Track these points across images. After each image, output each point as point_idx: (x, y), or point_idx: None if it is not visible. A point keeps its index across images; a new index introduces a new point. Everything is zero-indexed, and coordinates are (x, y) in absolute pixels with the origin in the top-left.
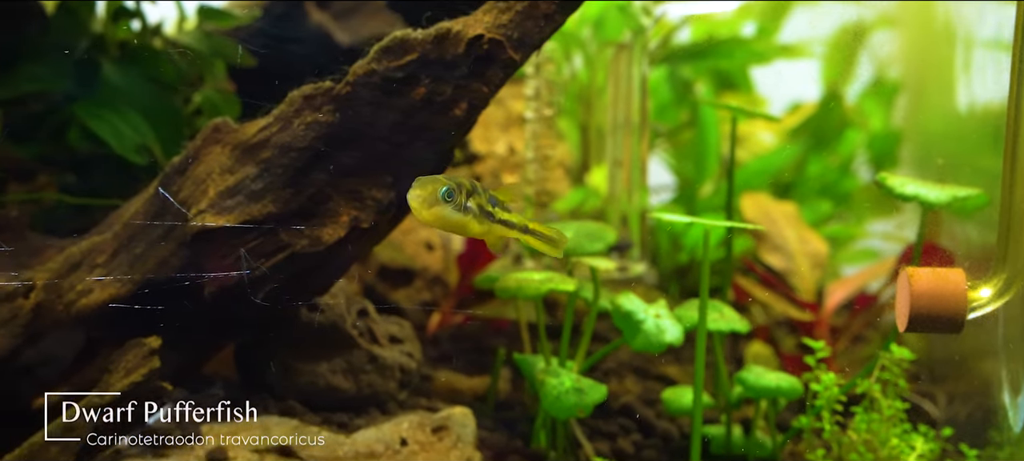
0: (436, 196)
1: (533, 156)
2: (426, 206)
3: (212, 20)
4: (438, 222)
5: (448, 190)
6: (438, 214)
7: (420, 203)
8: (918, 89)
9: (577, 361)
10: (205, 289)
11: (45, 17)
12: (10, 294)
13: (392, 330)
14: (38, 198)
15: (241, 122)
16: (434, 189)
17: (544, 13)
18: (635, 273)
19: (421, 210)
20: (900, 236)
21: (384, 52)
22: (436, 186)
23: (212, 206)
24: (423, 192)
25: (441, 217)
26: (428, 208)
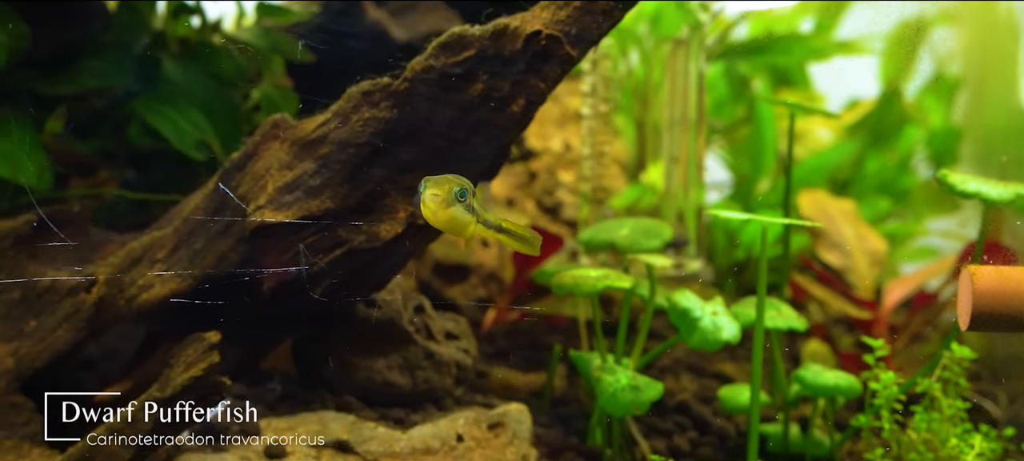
0: (452, 196)
1: (589, 152)
2: (444, 206)
3: (271, 16)
4: (450, 222)
5: (461, 190)
6: (452, 215)
7: (438, 203)
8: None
9: (633, 358)
10: (264, 284)
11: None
12: (72, 289)
13: (448, 326)
14: (99, 193)
15: (299, 118)
16: (450, 189)
17: (602, 9)
18: (691, 270)
19: (437, 210)
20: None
21: (442, 48)
22: (451, 186)
23: (271, 202)
24: (440, 192)
25: (454, 217)
26: (445, 208)
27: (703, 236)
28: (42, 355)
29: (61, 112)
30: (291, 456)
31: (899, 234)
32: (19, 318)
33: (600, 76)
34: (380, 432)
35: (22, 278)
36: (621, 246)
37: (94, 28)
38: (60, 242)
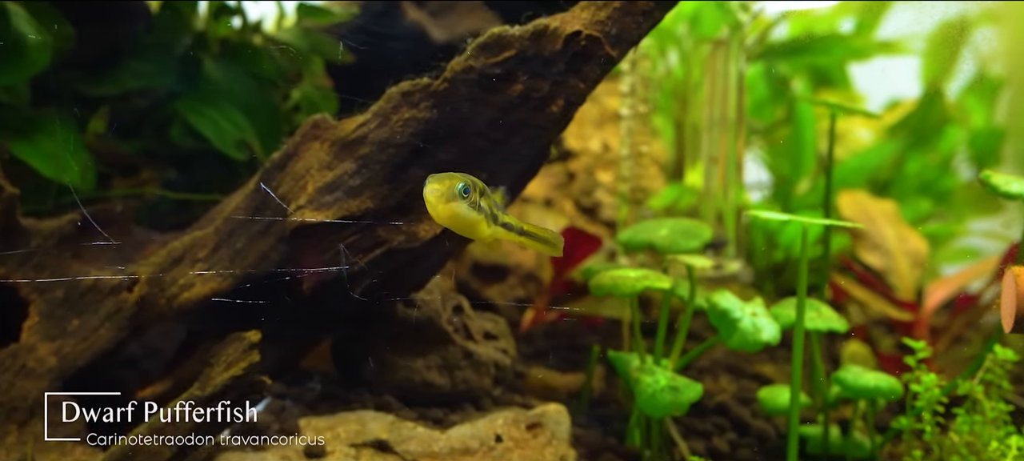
0: (453, 192)
1: (628, 153)
2: (443, 201)
3: (311, 17)
4: (452, 219)
5: (465, 186)
6: (454, 211)
7: (437, 198)
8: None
9: (672, 359)
10: (304, 284)
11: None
12: (115, 288)
13: (487, 326)
14: (141, 193)
15: (339, 118)
16: (451, 184)
17: (642, 9)
18: (730, 271)
19: (437, 205)
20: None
21: (482, 48)
22: (453, 182)
23: (311, 202)
24: (440, 187)
25: (456, 214)
26: (445, 203)
27: (742, 237)
28: (85, 354)
29: (104, 112)
30: (331, 455)
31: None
32: (62, 317)
33: (639, 76)
34: (419, 432)
35: (65, 277)
36: (660, 247)
37: (137, 29)
38: (103, 241)
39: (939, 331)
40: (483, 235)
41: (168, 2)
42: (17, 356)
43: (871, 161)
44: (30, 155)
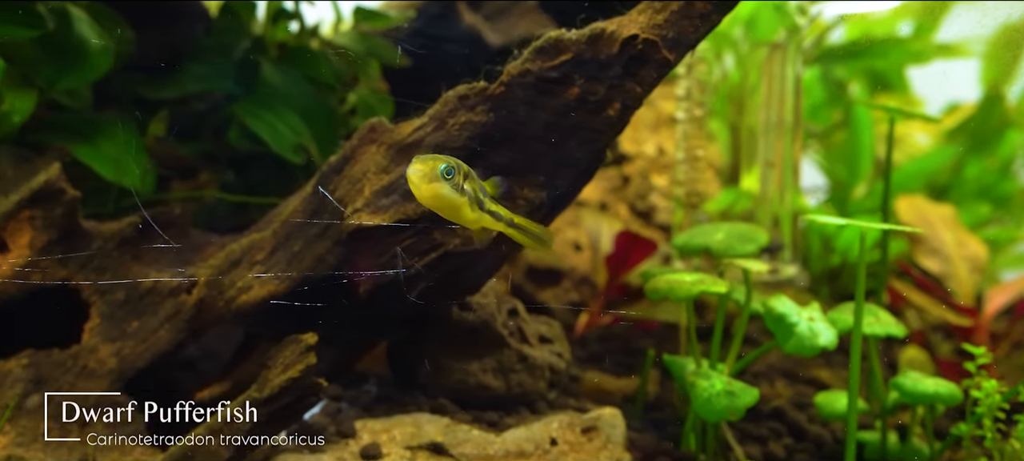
0: (436, 172)
1: (683, 157)
2: (426, 181)
3: (368, 21)
4: (435, 200)
5: (448, 168)
6: (436, 191)
7: (420, 177)
8: None
9: (728, 363)
10: (360, 286)
11: (209, 19)
12: (174, 290)
13: (541, 330)
14: (200, 196)
15: (394, 122)
16: (434, 165)
17: (700, 13)
18: (786, 275)
19: (420, 185)
20: None
21: (538, 52)
22: (436, 163)
23: (367, 205)
24: (423, 167)
25: (438, 195)
26: (427, 183)
27: (798, 241)
28: (144, 355)
29: (164, 115)
30: (386, 457)
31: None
32: (122, 319)
33: (695, 80)
34: (474, 435)
35: (126, 279)
36: (716, 251)
37: (195, 32)
38: (163, 244)
39: (999, 337)
40: (467, 218)
41: (227, 6)
42: (78, 357)
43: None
44: (91, 158)
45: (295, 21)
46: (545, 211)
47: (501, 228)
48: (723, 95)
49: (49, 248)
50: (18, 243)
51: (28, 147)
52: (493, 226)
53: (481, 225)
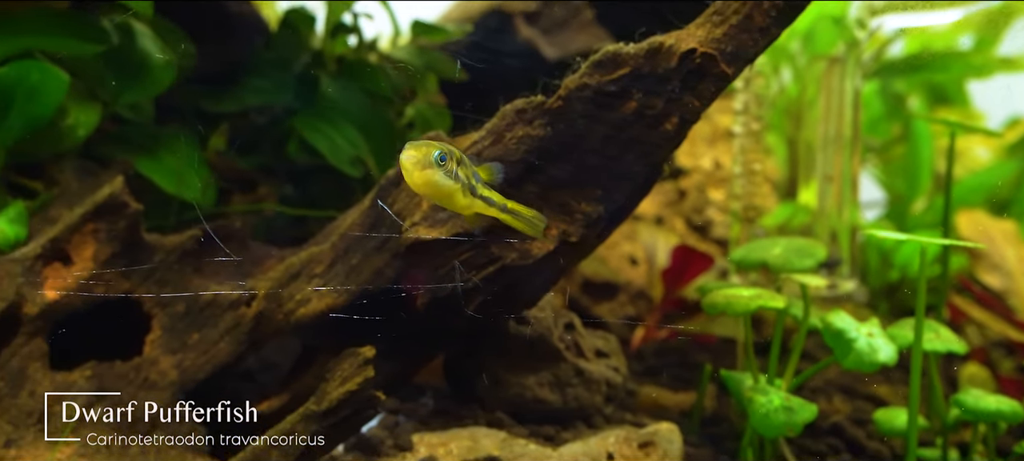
0: (429, 159)
1: (740, 171)
2: (419, 168)
3: (425, 35)
4: (428, 186)
5: (441, 154)
6: (429, 178)
7: (413, 164)
8: None
9: (786, 379)
10: (418, 300)
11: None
12: (233, 302)
13: (598, 344)
14: (259, 209)
15: (452, 135)
16: (428, 151)
17: (759, 27)
18: (844, 290)
19: (413, 172)
20: None
21: (596, 66)
22: (429, 149)
23: (425, 218)
24: (416, 154)
25: (431, 181)
26: (420, 170)
27: (857, 256)
28: (205, 367)
29: (224, 129)
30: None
31: None
32: (183, 331)
33: (752, 94)
34: (531, 449)
35: (187, 292)
36: (774, 265)
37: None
38: (223, 257)
39: None
40: (460, 205)
41: (287, 20)
42: (140, 369)
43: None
44: (154, 171)
45: (354, 35)
46: (602, 225)
47: (494, 213)
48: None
49: (112, 261)
50: (82, 256)
51: (92, 160)
52: (486, 212)
53: (473, 211)
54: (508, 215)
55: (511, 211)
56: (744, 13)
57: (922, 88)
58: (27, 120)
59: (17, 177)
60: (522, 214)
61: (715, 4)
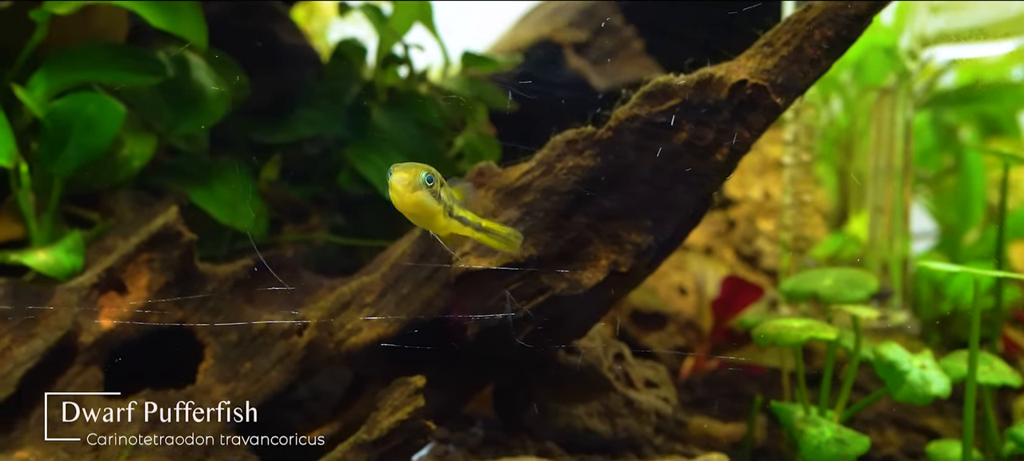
0: (419, 180)
1: (790, 201)
2: (410, 189)
3: (475, 65)
4: (417, 207)
5: (429, 175)
6: (419, 199)
7: (404, 186)
8: None
9: (837, 410)
10: (468, 329)
11: (321, 64)
12: (285, 332)
13: (647, 374)
14: (310, 238)
15: (501, 165)
16: (417, 173)
17: (809, 58)
18: (896, 322)
19: (405, 193)
20: None
21: (646, 97)
22: (418, 171)
23: (475, 249)
24: (407, 175)
25: (421, 202)
26: (411, 191)
27: (908, 287)
28: (256, 396)
29: (277, 160)
30: None
31: None
32: (236, 360)
33: (803, 125)
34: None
35: (239, 321)
36: (824, 296)
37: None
38: (276, 286)
39: None
40: (439, 225)
41: (338, 52)
42: (193, 397)
43: None
44: (207, 202)
45: (404, 66)
46: (652, 255)
47: (469, 233)
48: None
49: (166, 290)
50: (137, 285)
51: (147, 191)
52: (461, 232)
53: (449, 231)
54: (482, 234)
55: (486, 229)
56: (795, 45)
57: (974, 119)
58: (84, 151)
59: (73, 207)
60: (497, 232)
61: (766, 35)
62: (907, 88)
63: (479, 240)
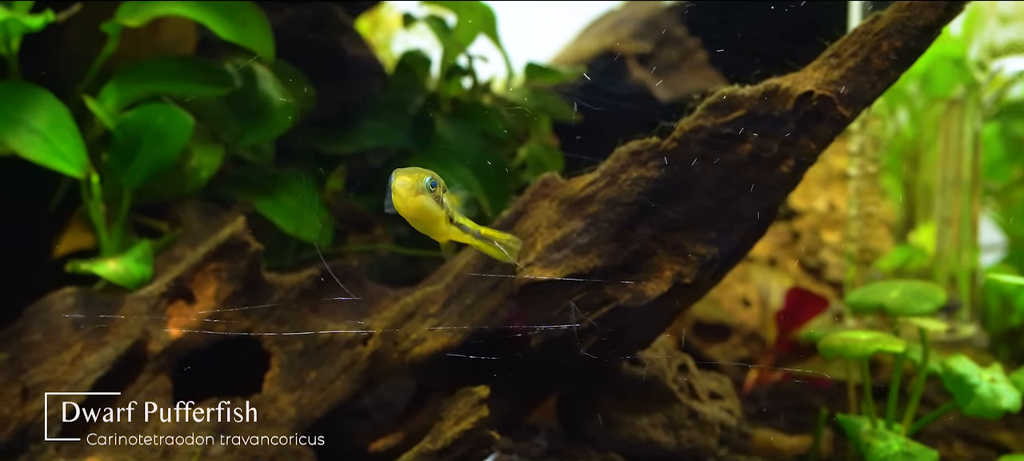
0: (422, 185)
1: (856, 213)
2: (413, 194)
3: (539, 77)
4: (419, 212)
5: (432, 180)
6: (421, 204)
7: (407, 191)
8: None
9: (904, 424)
10: (532, 340)
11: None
12: (350, 341)
13: (711, 385)
14: (375, 248)
15: (564, 176)
16: (420, 177)
17: (877, 70)
18: (964, 335)
19: (407, 198)
20: None
21: (711, 109)
22: (421, 175)
23: (539, 259)
24: (410, 180)
25: (423, 207)
26: (414, 196)
27: (977, 300)
28: (322, 405)
29: (342, 170)
30: None
31: None
32: (301, 369)
33: (869, 136)
34: None
35: (305, 331)
36: (891, 309)
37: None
38: (341, 296)
39: None
40: (440, 231)
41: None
42: (260, 406)
43: None
44: (273, 212)
45: (468, 77)
46: (717, 266)
47: (468, 240)
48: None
49: (233, 299)
50: (204, 294)
51: (214, 201)
52: (460, 238)
53: (449, 237)
54: (481, 241)
55: (484, 237)
56: (862, 56)
57: None
58: (153, 162)
59: (142, 217)
60: (496, 240)
61: (833, 46)
62: (976, 99)
63: (478, 248)
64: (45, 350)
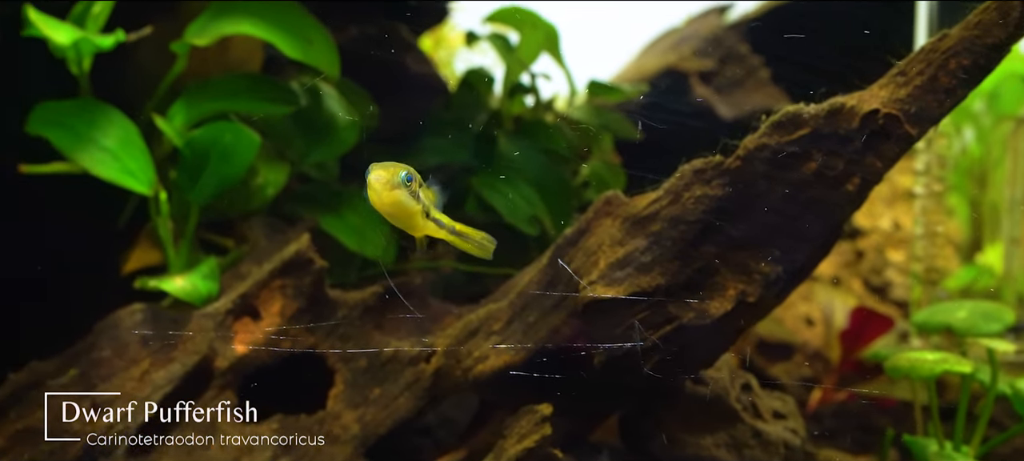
0: (397, 179)
1: (922, 232)
2: (388, 188)
3: (601, 94)
4: (395, 207)
5: (408, 174)
6: (397, 199)
7: (382, 185)
8: None
9: (973, 446)
10: (595, 358)
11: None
12: (413, 358)
13: (775, 405)
14: (438, 266)
15: (627, 193)
16: (395, 172)
17: (944, 88)
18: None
19: (382, 192)
20: None
21: (776, 127)
22: (397, 169)
23: (602, 277)
24: (385, 174)
25: (398, 202)
26: (389, 190)
27: None
28: (385, 422)
29: None
30: None
31: None
32: (365, 386)
33: (935, 154)
34: None
35: (368, 348)
36: (959, 329)
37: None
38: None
39: None
40: (417, 226)
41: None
42: (324, 423)
43: None
44: (337, 229)
45: (531, 95)
46: (781, 285)
47: (444, 235)
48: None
49: (298, 316)
50: (270, 311)
51: (280, 218)
52: (436, 234)
53: (425, 233)
54: (456, 237)
55: (459, 233)
56: (929, 74)
57: None
58: (220, 179)
59: (209, 234)
60: (471, 237)
61: (899, 64)
62: None
63: (453, 243)
64: (114, 366)
